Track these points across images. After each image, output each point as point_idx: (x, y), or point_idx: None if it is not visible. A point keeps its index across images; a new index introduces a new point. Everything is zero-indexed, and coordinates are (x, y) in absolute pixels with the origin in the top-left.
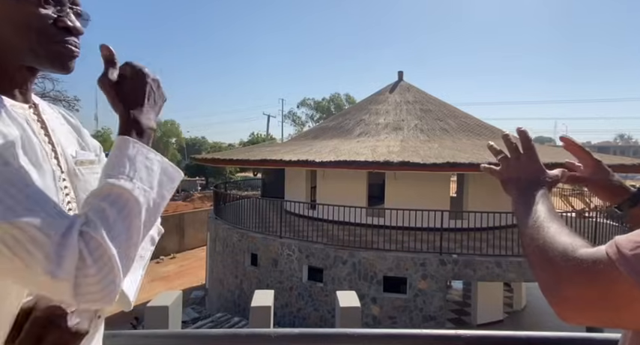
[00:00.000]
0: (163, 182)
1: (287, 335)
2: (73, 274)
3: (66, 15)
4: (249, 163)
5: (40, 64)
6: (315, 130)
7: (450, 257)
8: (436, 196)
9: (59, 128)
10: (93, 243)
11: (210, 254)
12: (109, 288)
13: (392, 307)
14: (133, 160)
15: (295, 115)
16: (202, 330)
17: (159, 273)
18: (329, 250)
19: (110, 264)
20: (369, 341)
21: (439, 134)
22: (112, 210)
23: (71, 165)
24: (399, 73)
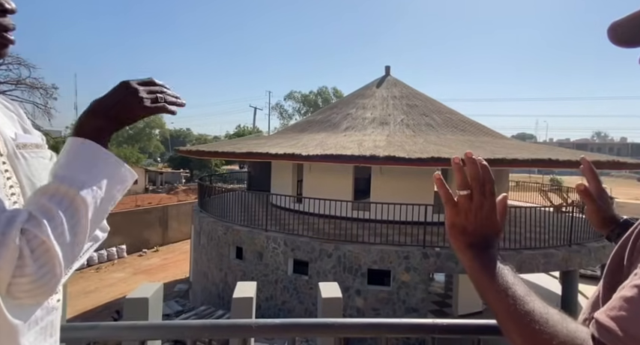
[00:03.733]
0: (112, 182)
1: (268, 326)
2: (9, 272)
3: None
4: (234, 155)
5: None
6: (301, 124)
7: (433, 250)
8: (420, 190)
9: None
10: (35, 242)
11: (195, 247)
12: (44, 288)
13: (376, 300)
14: (83, 160)
15: (282, 108)
16: (182, 321)
17: (142, 266)
18: (314, 244)
19: (51, 263)
20: (349, 330)
21: (424, 129)
22: (58, 209)
23: (11, 147)
24: (386, 68)
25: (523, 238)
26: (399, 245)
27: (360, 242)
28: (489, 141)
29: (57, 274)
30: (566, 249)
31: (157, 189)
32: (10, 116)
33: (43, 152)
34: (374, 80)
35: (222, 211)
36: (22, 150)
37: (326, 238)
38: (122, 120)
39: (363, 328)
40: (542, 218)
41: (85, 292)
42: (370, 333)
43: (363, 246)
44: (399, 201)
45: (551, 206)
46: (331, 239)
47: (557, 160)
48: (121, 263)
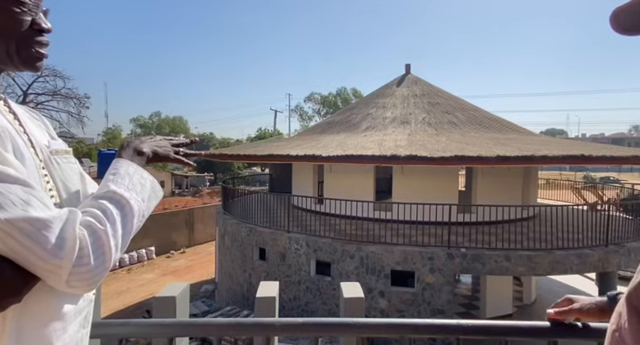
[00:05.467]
0: (151, 197)
1: (291, 324)
2: (71, 262)
3: (40, 17)
4: (256, 158)
5: (13, 66)
6: (321, 125)
7: (458, 251)
8: (444, 189)
9: (28, 120)
10: (94, 236)
11: (219, 249)
12: (95, 279)
13: (400, 301)
14: (131, 176)
15: (302, 110)
16: (208, 319)
17: (170, 267)
18: (336, 245)
19: (105, 256)
20: (372, 330)
21: (447, 127)
22: (114, 211)
23: (46, 154)
24: (407, 66)
25: (555, 237)
26: (422, 246)
27: (382, 243)
28: (516, 138)
29: (107, 267)
30: (602, 249)
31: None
32: (38, 125)
33: (71, 158)
34: (394, 79)
35: (245, 212)
36: (55, 156)
37: (348, 239)
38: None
39: (386, 328)
40: (575, 217)
41: (118, 293)
42: (393, 333)
43: (386, 247)
44: (421, 201)
45: (585, 204)
46: (353, 240)
47: (591, 156)
48: (151, 264)
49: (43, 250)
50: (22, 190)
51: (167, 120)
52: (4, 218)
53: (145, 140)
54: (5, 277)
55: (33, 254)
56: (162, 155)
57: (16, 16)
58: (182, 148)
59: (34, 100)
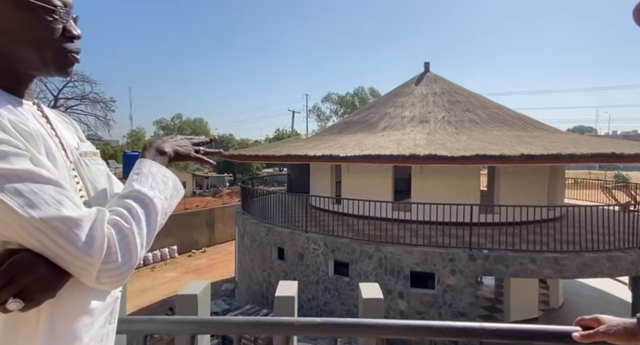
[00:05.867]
0: (173, 195)
1: (309, 324)
2: (100, 259)
3: (70, 24)
4: (274, 158)
5: (47, 72)
6: (339, 125)
7: (481, 252)
8: (465, 189)
9: (59, 124)
10: (121, 234)
11: (239, 248)
12: (123, 276)
13: (420, 303)
14: (154, 175)
15: (320, 111)
16: (229, 317)
17: (191, 266)
18: (354, 245)
19: (132, 253)
20: (390, 332)
21: (468, 126)
22: (139, 209)
23: (76, 156)
24: (426, 64)
25: (583, 239)
26: (443, 247)
27: (401, 244)
28: (541, 136)
29: (134, 264)
30: (635, 252)
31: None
32: (68, 129)
33: (98, 159)
34: (412, 78)
35: (264, 212)
36: (84, 158)
37: (366, 239)
38: (179, 156)
39: (406, 329)
40: (605, 218)
41: (142, 290)
42: (413, 335)
43: (405, 247)
44: (441, 201)
45: (616, 205)
46: (371, 240)
47: (622, 155)
48: (173, 263)
49: (74, 247)
50: (54, 190)
51: (188, 122)
52: (38, 217)
53: (166, 140)
54: (40, 274)
55: (65, 251)
56: (183, 154)
57: (49, 25)
58: (202, 147)
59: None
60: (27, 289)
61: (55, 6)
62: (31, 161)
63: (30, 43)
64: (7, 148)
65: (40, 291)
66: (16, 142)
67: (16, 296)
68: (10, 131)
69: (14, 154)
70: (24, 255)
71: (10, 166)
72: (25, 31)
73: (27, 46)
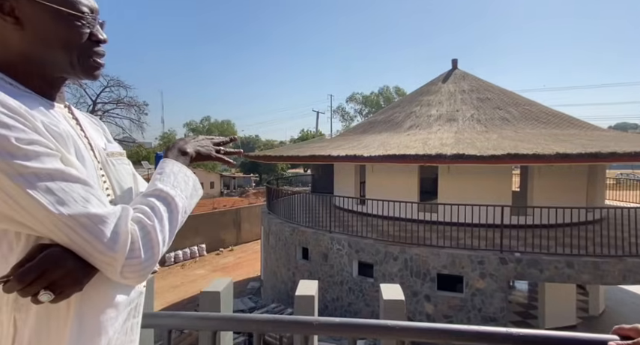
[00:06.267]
0: (193, 195)
1: (328, 324)
2: (124, 255)
3: (97, 29)
4: (298, 159)
5: (75, 75)
6: (363, 125)
7: (512, 255)
8: (496, 190)
9: (89, 125)
10: (144, 231)
11: (264, 247)
12: (146, 271)
13: (447, 306)
14: (176, 174)
15: (344, 111)
16: (249, 314)
17: (219, 264)
18: (379, 246)
19: (154, 249)
20: (411, 334)
21: (499, 124)
22: (161, 207)
23: (103, 156)
24: (453, 61)
25: (627, 243)
26: (471, 249)
27: (427, 245)
28: (579, 133)
29: (156, 260)
30: None
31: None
32: (97, 130)
33: (125, 159)
34: (439, 75)
35: (289, 212)
36: (111, 158)
37: (391, 240)
38: (200, 157)
39: (427, 332)
40: None
41: (173, 287)
42: (434, 338)
43: (432, 249)
44: (470, 202)
45: None
46: (396, 242)
47: None
48: (202, 261)
49: (100, 243)
50: (82, 189)
51: (216, 124)
52: (67, 214)
53: (188, 141)
54: (69, 268)
55: (91, 247)
56: (204, 154)
57: (77, 30)
58: (223, 147)
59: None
60: (56, 282)
61: (82, 12)
62: (61, 161)
63: (60, 48)
64: (39, 148)
65: (68, 284)
66: (48, 143)
67: (46, 289)
68: (43, 132)
69: (46, 154)
70: (54, 250)
71: (42, 165)
72: (56, 37)
73: (57, 50)
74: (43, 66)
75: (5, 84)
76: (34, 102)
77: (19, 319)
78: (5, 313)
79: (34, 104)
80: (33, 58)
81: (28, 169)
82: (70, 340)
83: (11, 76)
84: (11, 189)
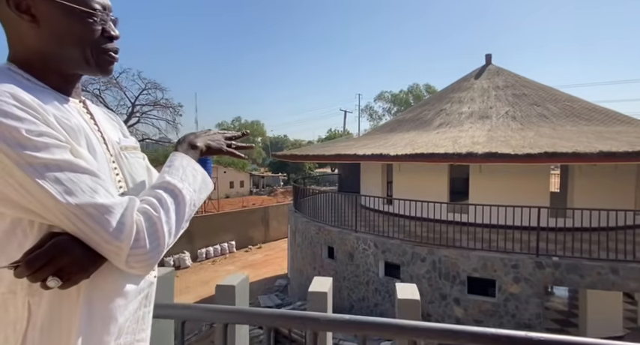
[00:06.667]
0: (202, 188)
1: (337, 321)
2: (129, 244)
3: (109, 26)
4: (324, 158)
5: (90, 70)
6: (391, 123)
7: (549, 260)
8: (532, 191)
9: (104, 120)
10: (149, 222)
11: (291, 245)
12: (151, 261)
13: (478, 311)
14: (185, 168)
15: (372, 110)
16: (259, 308)
17: (248, 261)
18: (406, 247)
19: (160, 240)
20: (423, 334)
21: (536, 121)
22: (168, 199)
23: (117, 150)
24: (487, 57)
25: None
26: (505, 252)
27: (457, 247)
28: (626, 131)
29: (161, 250)
30: None
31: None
32: (113, 124)
33: (139, 153)
34: (472, 71)
35: (315, 211)
36: (124, 151)
37: (418, 241)
38: (210, 150)
39: (440, 333)
40: None
41: (204, 282)
42: (448, 340)
43: (461, 251)
44: (503, 203)
45: None
46: (424, 242)
47: None
48: (231, 257)
49: (106, 232)
50: (90, 180)
51: (246, 124)
52: (74, 203)
53: (199, 135)
54: (76, 255)
55: (98, 236)
56: (215, 148)
57: (90, 26)
58: (234, 141)
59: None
60: (64, 268)
61: (94, 9)
62: (71, 153)
63: (74, 44)
64: (49, 140)
65: (75, 271)
66: (58, 135)
67: (54, 275)
68: (54, 125)
69: (55, 146)
70: (62, 238)
71: (51, 156)
72: (69, 34)
73: (71, 47)
74: (59, 62)
75: (23, 80)
76: (48, 96)
77: (32, 303)
78: (20, 297)
79: (48, 99)
80: (48, 55)
81: (38, 160)
82: (80, 326)
83: (29, 72)
84: (22, 178)
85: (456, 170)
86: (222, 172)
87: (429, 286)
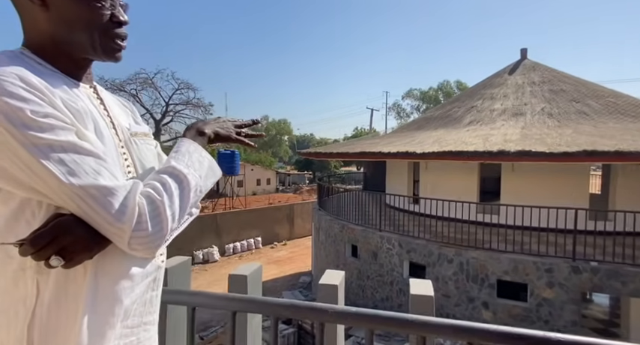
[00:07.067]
0: (209, 175)
1: (344, 312)
2: (131, 227)
3: (118, 11)
4: (348, 155)
5: (97, 55)
6: (418, 121)
7: (587, 264)
8: (569, 191)
9: (114, 105)
10: (152, 205)
11: (315, 243)
12: (154, 244)
13: (508, 315)
14: (191, 153)
15: (400, 108)
16: (267, 298)
17: (273, 257)
18: (432, 247)
19: (162, 223)
20: (432, 330)
21: (575, 118)
22: (173, 184)
23: (127, 135)
24: (522, 51)
25: None
26: (538, 255)
27: (486, 249)
28: None
29: (164, 233)
30: None
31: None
32: (125, 111)
33: (149, 140)
34: (505, 67)
35: (339, 209)
36: (134, 137)
37: (445, 241)
38: (219, 138)
39: (450, 329)
40: None
41: None
42: (458, 336)
43: (491, 253)
44: (538, 203)
45: None
46: (451, 243)
47: None
48: (257, 253)
49: (108, 214)
50: (94, 162)
51: (274, 123)
52: (77, 184)
53: (208, 122)
54: (78, 236)
55: (100, 217)
56: (223, 136)
57: (98, 11)
58: (244, 129)
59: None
60: (66, 248)
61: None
62: (76, 135)
63: (82, 29)
64: (54, 121)
65: (78, 251)
66: (63, 117)
67: (57, 254)
68: (60, 108)
69: (60, 128)
70: (66, 218)
71: (55, 137)
72: (78, 18)
73: (79, 31)
74: (69, 47)
75: (34, 64)
76: (57, 80)
77: (41, 281)
78: (29, 274)
79: (57, 82)
80: (59, 39)
81: (42, 141)
82: (86, 306)
83: (42, 56)
84: (27, 158)
85: (486, 169)
86: (250, 170)
87: (456, 289)
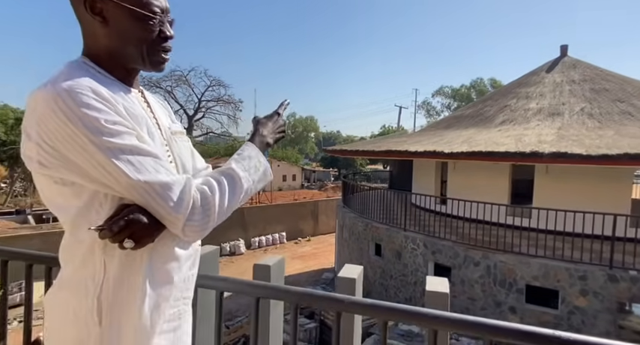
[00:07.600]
0: (261, 179)
1: (359, 303)
2: (186, 216)
3: (166, 27)
4: (374, 154)
5: (144, 67)
6: (448, 119)
7: (626, 273)
8: (609, 196)
9: (158, 107)
10: (205, 199)
11: (338, 240)
12: (204, 231)
13: (537, 322)
14: (251, 159)
15: (429, 105)
16: (287, 286)
17: (297, 252)
18: (458, 249)
19: (211, 215)
20: (444, 324)
21: (618, 119)
22: (226, 184)
23: (168, 134)
24: (562, 48)
25: None
26: (571, 261)
27: (515, 253)
28: None
29: (211, 225)
30: None
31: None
32: (164, 111)
33: (185, 138)
34: (543, 64)
35: (363, 207)
36: (174, 136)
37: (472, 244)
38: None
39: (461, 323)
40: None
41: None
42: (469, 331)
43: (520, 257)
44: (573, 208)
45: None
46: (478, 246)
47: None
48: (282, 248)
49: (167, 205)
50: (153, 161)
51: (301, 120)
52: (143, 180)
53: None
54: (144, 223)
55: (161, 207)
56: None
57: (149, 28)
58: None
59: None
60: (136, 233)
61: (154, 13)
62: (136, 138)
63: (134, 43)
64: (121, 128)
65: (144, 235)
66: (127, 123)
67: (129, 238)
68: (123, 115)
69: (126, 133)
70: (134, 208)
71: (123, 141)
72: (132, 34)
73: (131, 45)
74: (122, 58)
75: (95, 72)
76: (116, 88)
77: (107, 261)
78: (98, 256)
79: (116, 90)
80: (114, 51)
81: (114, 144)
82: (145, 282)
83: (99, 65)
84: (102, 159)
85: (519, 171)
86: (276, 166)
87: (482, 292)
